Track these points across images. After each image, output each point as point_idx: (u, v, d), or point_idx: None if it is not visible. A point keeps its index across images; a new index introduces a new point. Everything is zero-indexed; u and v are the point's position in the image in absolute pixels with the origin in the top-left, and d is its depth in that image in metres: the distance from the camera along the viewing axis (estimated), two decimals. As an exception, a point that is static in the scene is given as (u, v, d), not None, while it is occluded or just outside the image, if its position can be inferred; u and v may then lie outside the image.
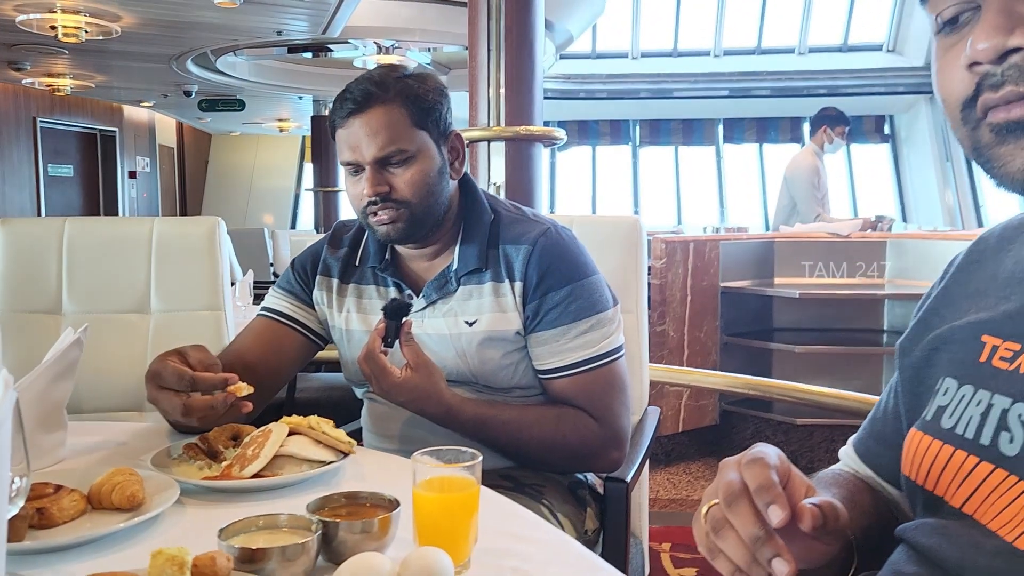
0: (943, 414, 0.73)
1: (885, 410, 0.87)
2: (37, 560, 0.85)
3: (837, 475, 0.88)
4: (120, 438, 1.33)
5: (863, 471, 0.89)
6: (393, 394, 1.29)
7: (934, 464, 0.72)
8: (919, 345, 0.80)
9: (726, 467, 0.70)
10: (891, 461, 0.82)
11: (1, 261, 1.87)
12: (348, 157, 1.36)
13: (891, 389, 0.87)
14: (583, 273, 1.41)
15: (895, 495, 0.86)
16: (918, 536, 0.71)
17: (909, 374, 0.80)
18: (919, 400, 0.78)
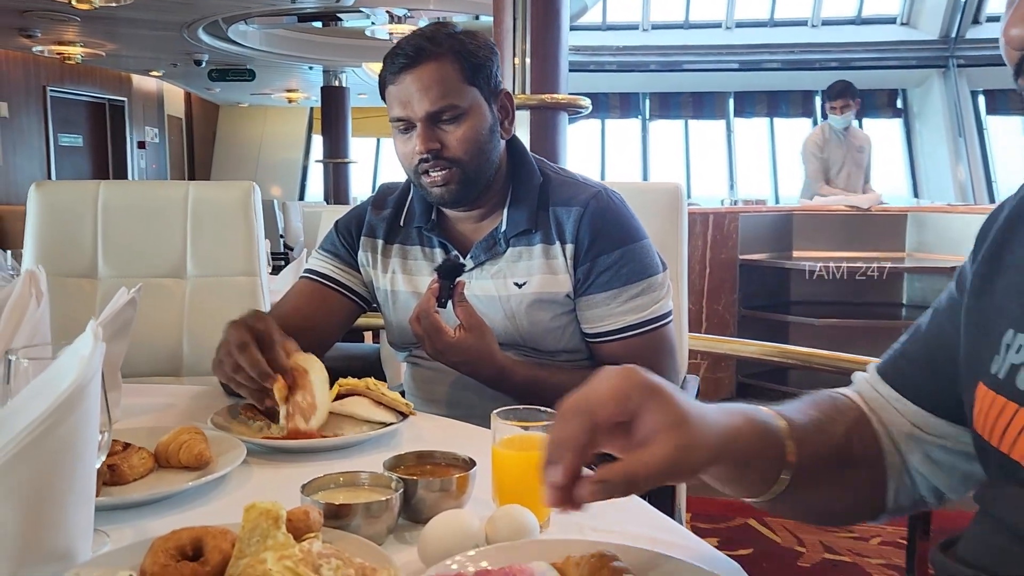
0: (1017, 374, 0.71)
1: (927, 334, 0.82)
2: (111, 516, 0.85)
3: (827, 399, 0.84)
4: (171, 400, 1.33)
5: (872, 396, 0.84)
6: (446, 355, 1.28)
7: (1009, 427, 0.71)
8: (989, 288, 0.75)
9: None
10: (925, 382, 0.80)
11: (36, 225, 1.86)
12: (399, 113, 1.34)
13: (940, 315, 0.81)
14: (634, 237, 1.40)
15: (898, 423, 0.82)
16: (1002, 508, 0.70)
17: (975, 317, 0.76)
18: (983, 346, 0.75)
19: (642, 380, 0.64)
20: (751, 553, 2.62)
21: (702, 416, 0.65)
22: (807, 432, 0.75)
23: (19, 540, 0.66)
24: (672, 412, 0.63)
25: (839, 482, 0.79)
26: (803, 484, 0.75)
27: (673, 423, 0.63)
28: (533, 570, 0.65)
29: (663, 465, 0.62)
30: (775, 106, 11.83)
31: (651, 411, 0.63)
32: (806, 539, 2.72)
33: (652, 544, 0.76)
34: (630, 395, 0.63)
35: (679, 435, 0.62)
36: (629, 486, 0.62)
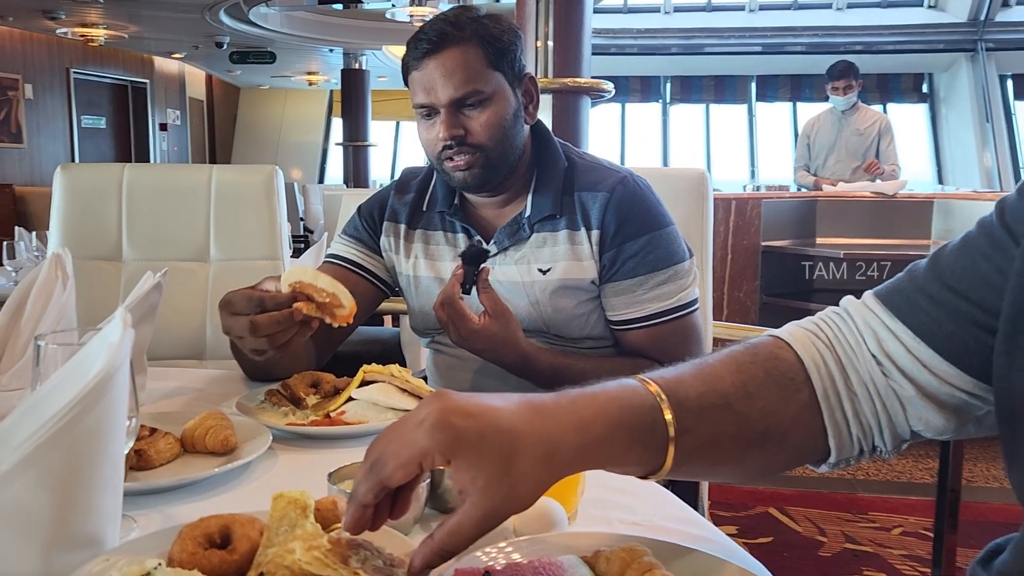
0: None
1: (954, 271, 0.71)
2: (139, 501, 0.85)
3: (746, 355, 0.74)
4: (196, 384, 1.33)
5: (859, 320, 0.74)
6: (470, 341, 1.27)
7: None
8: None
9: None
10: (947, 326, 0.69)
11: (62, 207, 1.87)
12: (422, 99, 1.33)
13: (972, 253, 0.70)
14: (661, 223, 1.38)
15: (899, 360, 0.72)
16: None
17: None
18: None
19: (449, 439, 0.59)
20: (771, 542, 2.61)
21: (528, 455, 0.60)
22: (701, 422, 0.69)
23: (49, 526, 0.66)
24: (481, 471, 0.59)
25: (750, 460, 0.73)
26: (695, 464, 0.70)
27: (484, 485, 0.59)
28: (563, 563, 0.64)
29: (478, 530, 0.60)
30: (798, 90, 11.68)
31: (458, 471, 0.60)
32: (828, 529, 2.70)
33: (679, 538, 0.75)
34: (433, 458, 0.59)
35: (490, 499, 0.59)
36: (447, 556, 0.61)
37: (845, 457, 0.74)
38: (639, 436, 0.66)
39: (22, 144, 9.25)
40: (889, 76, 11.20)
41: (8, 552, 0.65)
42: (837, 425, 0.73)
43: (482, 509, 0.59)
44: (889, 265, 4.21)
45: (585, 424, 0.64)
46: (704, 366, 0.73)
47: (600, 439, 0.64)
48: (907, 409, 0.73)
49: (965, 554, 1.97)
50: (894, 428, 0.74)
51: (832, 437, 0.73)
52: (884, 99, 11.47)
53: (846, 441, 0.73)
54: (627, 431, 0.65)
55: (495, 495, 0.59)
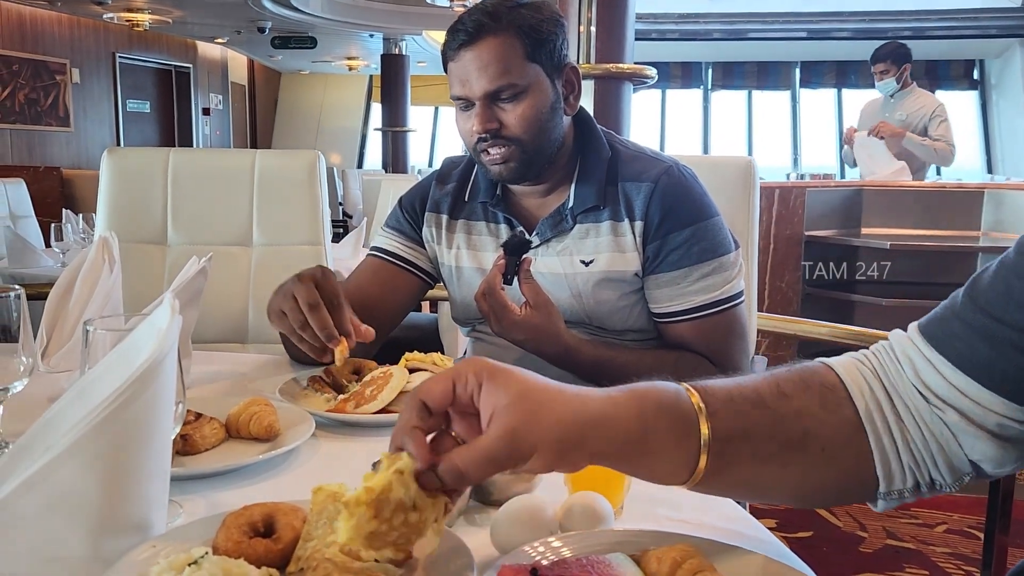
0: None
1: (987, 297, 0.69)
2: (184, 486, 0.86)
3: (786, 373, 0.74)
4: (240, 368, 1.34)
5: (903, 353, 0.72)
6: (512, 332, 1.26)
7: None
8: None
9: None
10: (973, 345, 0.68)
11: (108, 190, 1.89)
12: (458, 91, 1.32)
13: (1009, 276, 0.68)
14: (706, 214, 1.35)
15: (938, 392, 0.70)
16: None
17: None
18: None
19: (482, 363, 0.62)
20: (811, 536, 2.58)
21: (551, 397, 0.61)
22: (736, 417, 0.68)
23: (98, 511, 0.66)
24: (508, 391, 0.60)
25: (789, 469, 0.70)
26: (736, 471, 0.68)
27: (508, 403, 0.59)
28: (611, 561, 0.63)
29: (490, 451, 0.59)
30: (844, 77, 11.44)
31: (487, 394, 0.60)
32: (868, 524, 2.66)
33: (728, 536, 0.73)
34: (466, 377, 0.61)
35: (510, 415, 0.59)
36: (453, 475, 0.59)
37: (898, 488, 0.72)
38: (665, 409, 0.66)
39: (69, 128, 9.43)
40: (939, 63, 10.92)
41: (57, 537, 0.65)
42: (884, 451, 0.71)
43: (503, 427, 0.59)
44: (937, 257, 4.11)
45: (610, 393, 0.65)
46: (732, 376, 0.73)
47: (626, 404, 0.65)
48: (959, 438, 0.70)
49: (1014, 555, 1.92)
50: (949, 459, 0.71)
51: (879, 463, 0.71)
52: (933, 86, 11.18)
53: (896, 470, 0.71)
54: (653, 402, 0.66)
55: (517, 413, 0.59)
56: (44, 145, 9.09)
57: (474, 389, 0.61)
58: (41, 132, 9.06)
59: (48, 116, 9.13)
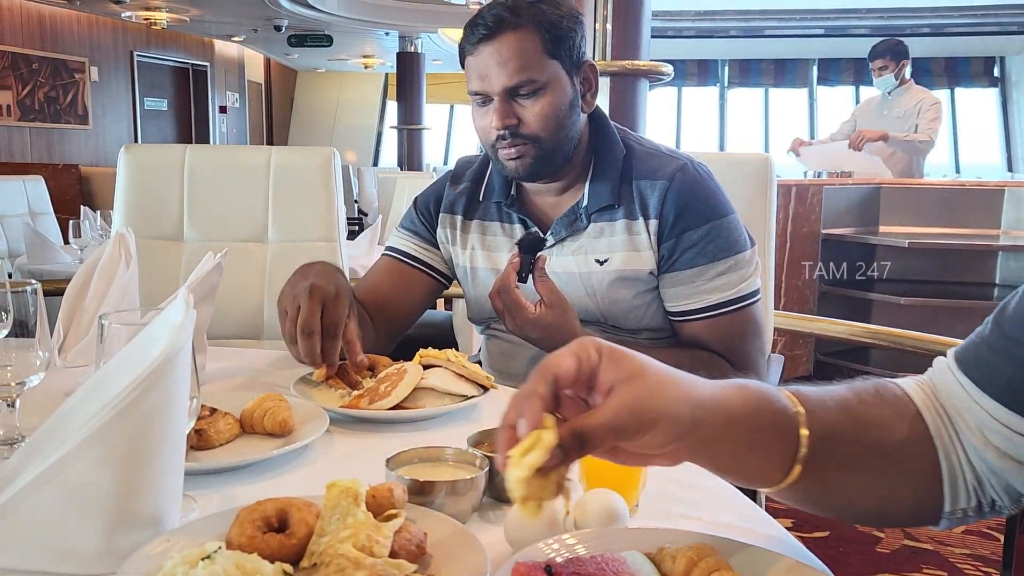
0: None
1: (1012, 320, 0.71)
2: (198, 481, 0.86)
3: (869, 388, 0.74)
4: (255, 364, 1.34)
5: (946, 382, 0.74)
6: (526, 330, 1.26)
7: None
8: None
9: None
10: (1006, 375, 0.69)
11: (125, 187, 1.90)
12: (476, 87, 1.31)
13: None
14: (722, 212, 1.34)
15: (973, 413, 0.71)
16: None
17: None
18: None
19: (600, 341, 0.63)
20: (827, 536, 2.56)
21: (670, 376, 0.63)
22: (829, 418, 0.68)
23: (112, 504, 0.66)
24: (629, 366, 0.62)
25: (871, 477, 0.71)
26: (824, 475, 0.68)
27: (630, 375, 0.61)
28: (626, 559, 0.63)
29: (612, 419, 0.60)
30: (862, 74, 11.33)
31: (608, 368, 0.62)
32: (886, 525, 2.64)
33: (743, 535, 0.73)
34: (588, 351, 0.62)
35: (633, 386, 0.60)
36: (578, 440, 0.60)
37: (962, 508, 0.72)
38: (767, 404, 0.67)
39: (88, 125, 9.51)
40: (958, 60, 10.81)
41: (72, 529, 0.65)
42: (952, 468, 0.71)
43: (627, 396, 0.60)
44: (956, 256, 4.07)
45: (718, 382, 0.67)
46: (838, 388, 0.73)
47: (735, 394, 0.66)
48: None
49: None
50: (1003, 482, 0.71)
51: (947, 480, 0.71)
52: (952, 83, 11.09)
53: (961, 488, 0.71)
54: (755, 396, 0.67)
55: (640, 387, 0.61)
56: (63, 143, 9.17)
57: (595, 363, 0.62)
58: (60, 130, 9.14)
59: (67, 114, 9.21)
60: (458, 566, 0.64)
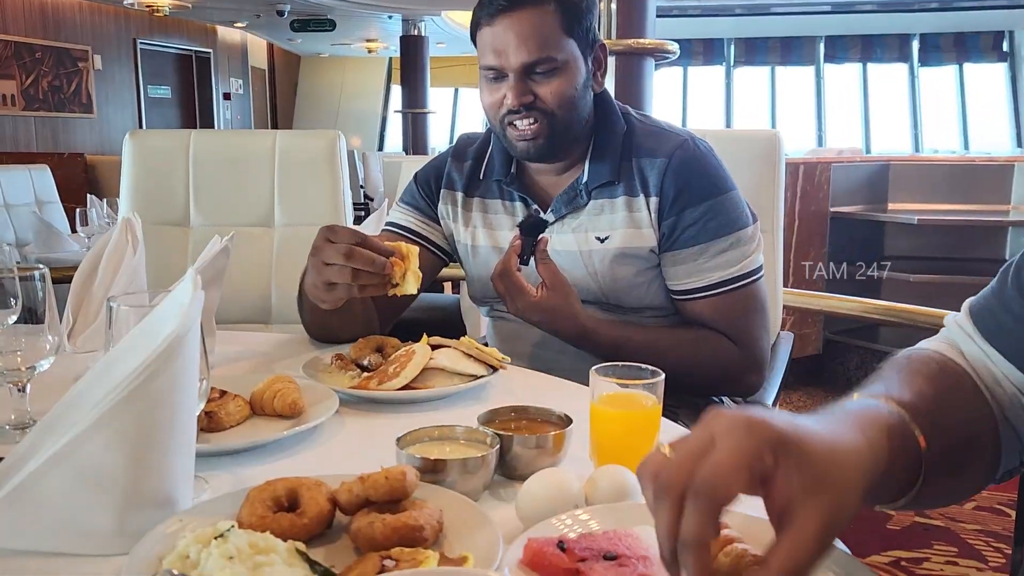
0: None
1: None
2: (209, 462, 0.86)
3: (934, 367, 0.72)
4: (263, 348, 1.34)
5: (966, 344, 0.74)
6: (528, 313, 1.25)
7: None
8: None
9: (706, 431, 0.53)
10: (1018, 336, 0.68)
11: (131, 173, 1.90)
12: (491, 61, 1.29)
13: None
14: (722, 188, 1.33)
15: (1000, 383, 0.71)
16: None
17: None
18: None
19: (770, 434, 0.51)
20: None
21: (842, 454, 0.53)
22: (931, 416, 0.65)
23: (124, 485, 0.66)
24: (813, 469, 0.51)
25: (969, 457, 0.70)
26: (941, 472, 0.66)
27: (816, 483, 0.50)
28: (639, 535, 0.62)
29: (817, 547, 0.49)
30: (869, 51, 11.25)
31: (787, 473, 0.50)
32: (896, 502, 2.63)
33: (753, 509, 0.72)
34: (762, 458, 0.50)
35: (826, 501, 0.50)
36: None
37: (1009, 468, 0.73)
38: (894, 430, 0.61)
39: (92, 114, 9.49)
40: (966, 35, 10.70)
41: (85, 510, 0.66)
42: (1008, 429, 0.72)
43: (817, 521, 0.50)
44: (966, 232, 4.04)
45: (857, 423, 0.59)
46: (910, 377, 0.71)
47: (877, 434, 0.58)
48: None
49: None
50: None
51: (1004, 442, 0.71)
52: (960, 59, 10.99)
53: (1012, 443, 0.72)
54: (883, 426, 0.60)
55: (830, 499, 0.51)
56: (68, 132, 9.16)
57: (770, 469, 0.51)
58: (65, 119, 9.13)
59: (71, 103, 9.20)
60: (471, 543, 0.64)
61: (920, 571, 2.22)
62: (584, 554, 0.59)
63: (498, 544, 0.63)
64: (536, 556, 0.59)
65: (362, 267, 1.08)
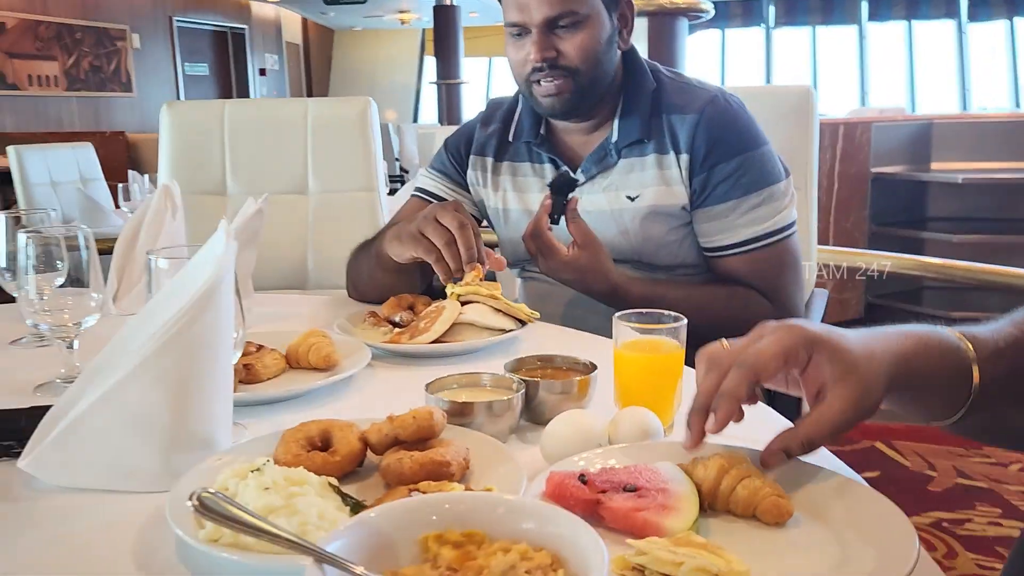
0: None
1: None
2: (248, 411, 0.89)
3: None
4: (299, 308, 1.37)
5: None
6: (559, 272, 1.26)
7: None
8: None
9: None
10: None
11: (168, 144, 1.94)
12: (514, 17, 1.30)
13: None
14: (754, 143, 1.32)
15: None
16: None
17: None
18: None
19: (807, 333, 0.63)
20: (877, 477, 2.55)
21: (870, 354, 0.63)
22: (996, 348, 0.69)
23: (167, 427, 0.70)
24: (842, 361, 0.62)
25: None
26: (990, 405, 0.69)
27: (844, 372, 0.62)
28: (659, 470, 0.64)
29: (840, 421, 0.62)
30: (914, 8, 10.92)
31: (819, 364, 0.62)
32: (938, 464, 2.61)
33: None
34: (797, 351, 0.62)
35: (851, 386, 0.62)
36: (807, 446, 0.63)
37: None
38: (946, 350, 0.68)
39: (132, 93, 9.65)
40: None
41: (130, 450, 0.69)
42: None
43: (847, 400, 0.62)
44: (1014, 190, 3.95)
45: (901, 335, 0.68)
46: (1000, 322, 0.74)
47: (913, 348, 0.67)
48: None
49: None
50: None
51: None
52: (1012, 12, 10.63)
53: None
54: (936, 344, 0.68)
55: (856, 386, 0.62)
56: (109, 110, 9.33)
57: (803, 362, 0.63)
58: (105, 98, 9.30)
59: (111, 82, 9.35)
60: (495, 478, 0.67)
61: (962, 532, 2.21)
62: (604, 486, 0.61)
63: (521, 479, 0.65)
64: (558, 488, 0.61)
65: (462, 245, 1.16)
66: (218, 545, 0.56)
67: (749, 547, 0.59)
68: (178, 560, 0.60)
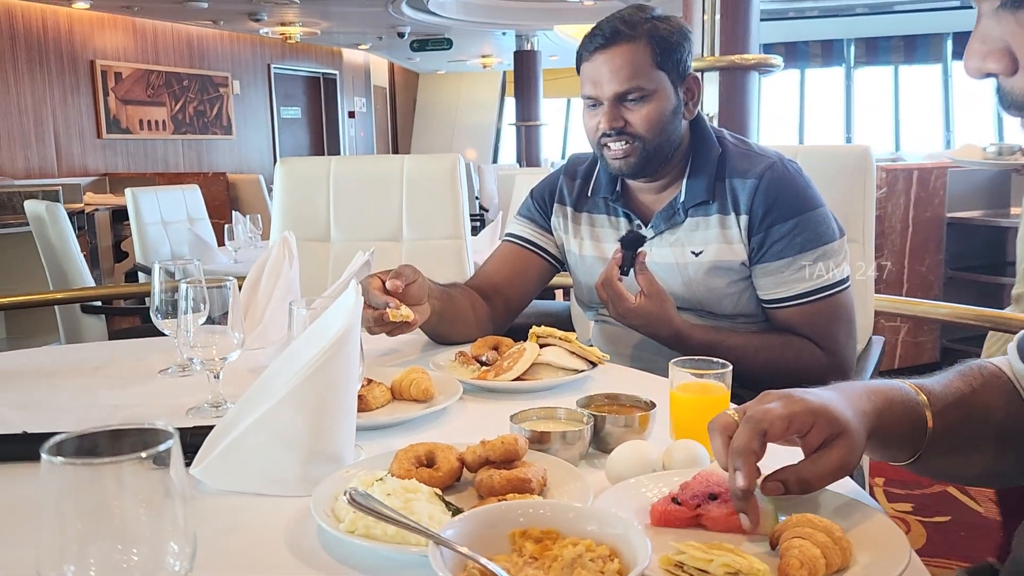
0: None
1: None
2: (362, 435, 1.06)
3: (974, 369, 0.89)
4: (400, 346, 1.55)
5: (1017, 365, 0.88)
6: (628, 318, 1.41)
7: None
8: None
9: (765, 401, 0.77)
10: None
11: (281, 195, 2.18)
12: (589, 91, 1.48)
13: None
14: (809, 206, 1.44)
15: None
16: None
17: None
18: None
19: (809, 404, 0.76)
20: (948, 521, 2.57)
21: (856, 416, 0.77)
22: (946, 402, 0.83)
23: (306, 444, 0.88)
24: (838, 424, 0.75)
25: (981, 456, 0.87)
26: (942, 449, 0.83)
27: (840, 434, 0.75)
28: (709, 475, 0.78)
29: (836, 470, 0.75)
30: (1002, 46, 10.69)
31: (818, 429, 0.75)
32: (1008, 510, 2.61)
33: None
34: (802, 418, 0.75)
35: (846, 444, 0.75)
36: (802, 485, 0.76)
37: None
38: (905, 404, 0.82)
39: (232, 136, 10.27)
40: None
41: (278, 462, 0.87)
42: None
43: (841, 459, 0.75)
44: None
45: (871, 393, 0.82)
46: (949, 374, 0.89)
47: (883, 404, 0.81)
48: None
49: None
50: None
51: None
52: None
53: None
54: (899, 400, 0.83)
55: (849, 444, 0.75)
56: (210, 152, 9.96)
57: (807, 427, 0.75)
58: (208, 141, 9.93)
59: (213, 125, 9.99)
60: (567, 493, 0.82)
61: None
62: (695, 500, 0.75)
63: (588, 495, 0.80)
64: (663, 515, 0.75)
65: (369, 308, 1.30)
66: (353, 535, 0.73)
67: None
68: (320, 546, 0.77)
